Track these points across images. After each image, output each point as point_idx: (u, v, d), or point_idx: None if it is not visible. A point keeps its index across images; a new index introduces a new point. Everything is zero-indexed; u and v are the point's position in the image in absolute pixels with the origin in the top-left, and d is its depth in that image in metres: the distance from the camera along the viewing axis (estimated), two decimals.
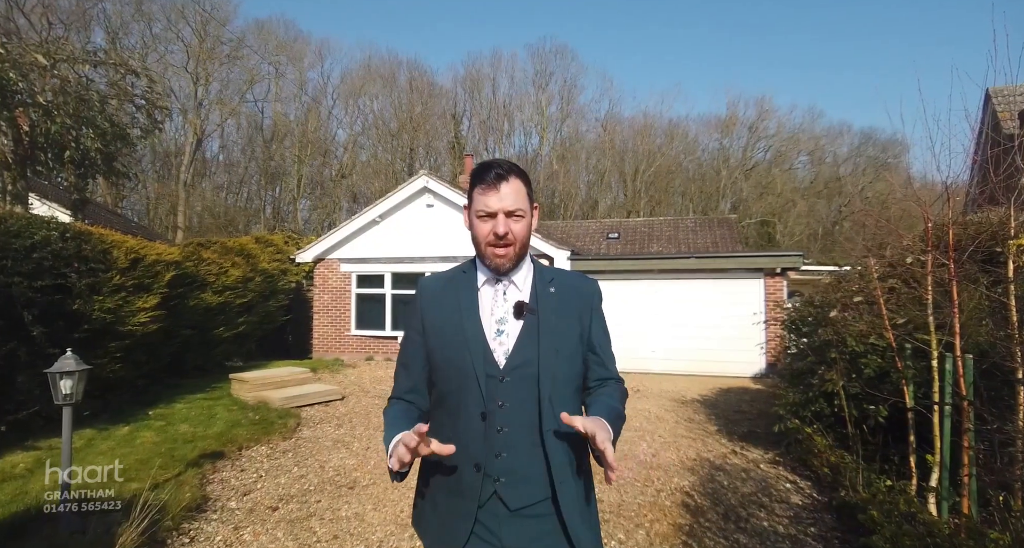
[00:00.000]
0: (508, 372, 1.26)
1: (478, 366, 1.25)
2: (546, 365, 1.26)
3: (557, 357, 1.28)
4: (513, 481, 1.23)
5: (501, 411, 1.25)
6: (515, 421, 1.24)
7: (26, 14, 15.80)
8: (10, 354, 4.84)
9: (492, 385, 1.26)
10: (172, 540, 3.21)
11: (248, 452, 5.05)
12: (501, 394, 1.25)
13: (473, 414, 1.26)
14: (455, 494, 1.27)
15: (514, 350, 1.28)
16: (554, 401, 1.26)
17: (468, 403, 1.26)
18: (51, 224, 5.50)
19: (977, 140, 8.37)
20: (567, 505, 1.23)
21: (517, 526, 1.23)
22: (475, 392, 1.25)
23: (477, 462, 1.24)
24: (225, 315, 9.24)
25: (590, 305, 1.38)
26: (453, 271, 1.43)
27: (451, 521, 1.26)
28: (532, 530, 1.23)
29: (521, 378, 1.26)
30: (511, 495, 1.23)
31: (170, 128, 29.07)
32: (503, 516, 1.23)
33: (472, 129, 37.12)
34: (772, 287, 10.14)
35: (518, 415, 1.25)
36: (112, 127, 8.48)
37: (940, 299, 3.36)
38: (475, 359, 1.26)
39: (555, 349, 1.28)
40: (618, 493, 4.10)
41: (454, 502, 1.27)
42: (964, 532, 2.78)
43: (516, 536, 1.22)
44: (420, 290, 1.43)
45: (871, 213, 6.00)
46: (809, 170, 35.53)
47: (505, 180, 1.26)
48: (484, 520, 1.24)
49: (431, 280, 1.44)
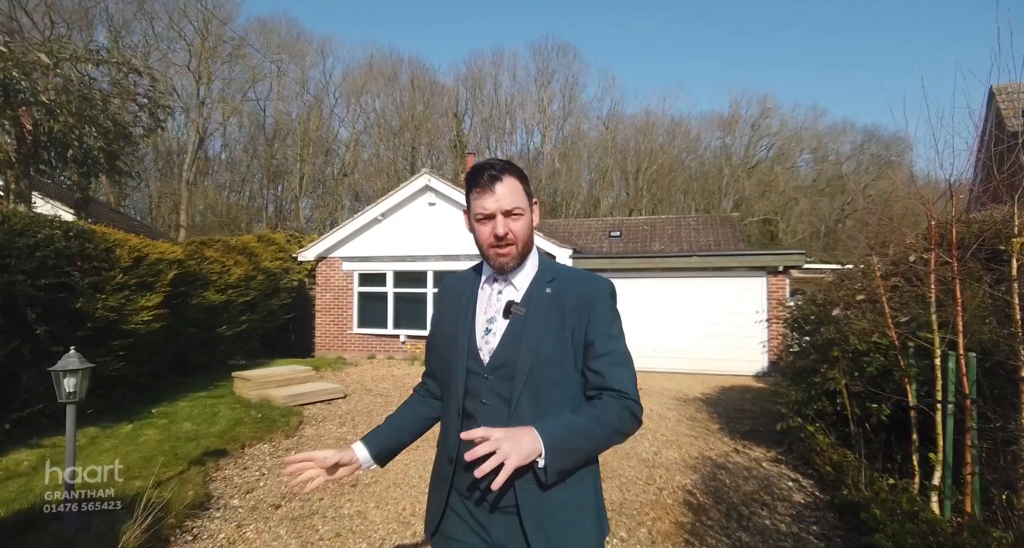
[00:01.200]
0: (491, 371, 1.27)
1: (461, 363, 1.30)
2: (523, 366, 1.23)
3: (537, 359, 1.24)
4: (484, 482, 1.17)
5: (484, 409, 1.26)
6: (494, 419, 1.24)
7: (29, 13, 15.83)
8: (14, 352, 4.85)
9: (477, 382, 1.28)
10: (175, 537, 3.23)
11: (251, 450, 5.06)
12: (484, 392, 1.27)
13: (453, 409, 1.32)
14: (437, 480, 1.37)
15: (497, 349, 1.28)
16: (536, 402, 1.23)
17: (452, 398, 1.32)
18: (54, 223, 5.52)
19: (981, 137, 8.32)
20: (527, 512, 1.19)
21: (501, 522, 1.23)
22: (458, 388, 1.30)
23: (450, 456, 1.30)
24: (228, 313, 9.25)
25: (591, 304, 1.28)
26: (468, 270, 1.47)
27: (432, 507, 1.37)
28: (515, 529, 1.21)
29: (502, 377, 1.26)
30: (487, 496, 1.23)
31: (172, 127, 29.21)
32: (487, 511, 1.25)
33: (474, 127, 37.17)
34: (774, 285, 10.13)
35: (497, 414, 1.25)
36: (115, 126, 8.51)
37: (943, 297, 3.35)
38: (460, 356, 1.30)
39: (535, 350, 1.24)
40: (620, 491, 4.11)
41: (436, 488, 1.37)
42: (967, 531, 2.78)
43: (502, 533, 1.23)
44: (439, 288, 1.51)
45: (874, 211, 5.98)
46: (812, 168, 35.49)
47: (499, 180, 1.24)
48: (472, 510, 1.27)
49: (450, 279, 1.51)
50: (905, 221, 4.66)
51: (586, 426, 1.16)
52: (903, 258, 3.80)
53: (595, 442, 1.19)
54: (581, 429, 1.16)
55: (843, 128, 35.78)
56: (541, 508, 1.19)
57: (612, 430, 1.19)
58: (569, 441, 1.14)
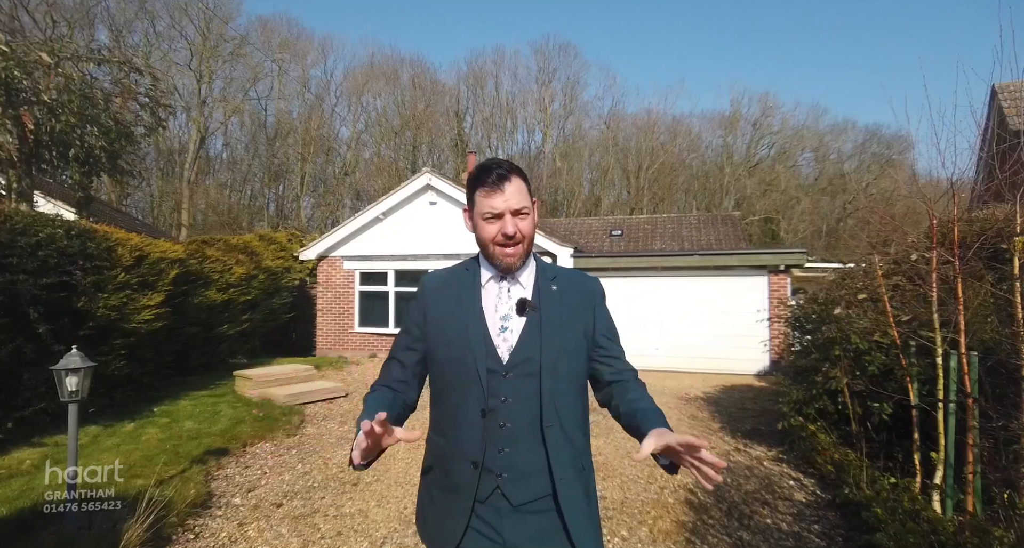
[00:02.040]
0: (511, 368, 1.27)
1: (480, 363, 1.27)
2: (548, 361, 1.27)
3: (559, 353, 1.29)
4: (516, 477, 1.24)
5: (504, 406, 1.26)
6: (518, 417, 1.25)
7: (30, 12, 15.85)
8: (16, 351, 4.87)
9: (495, 381, 1.26)
10: (177, 536, 3.23)
11: (252, 449, 5.07)
12: (504, 390, 1.26)
13: (472, 411, 1.27)
14: (451, 491, 1.28)
15: (517, 346, 1.29)
16: (556, 397, 1.27)
17: (468, 400, 1.27)
18: (56, 222, 5.53)
19: (983, 136, 8.30)
20: (567, 502, 1.24)
21: (519, 522, 1.23)
22: (476, 389, 1.26)
23: (474, 460, 1.25)
24: (229, 312, 9.26)
25: (592, 301, 1.40)
26: (456, 268, 1.43)
27: (446, 518, 1.27)
28: (533, 527, 1.23)
29: (524, 374, 1.27)
30: (514, 491, 1.23)
31: (174, 126, 29.24)
32: (505, 512, 1.24)
33: (475, 126, 37.14)
34: (776, 284, 10.12)
35: (521, 411, 1.26)
36: (116, 125, 8.52)
37: (945, 296, 3.35)
38: (477, 356, 1.27)
39: (557, 345, 1.29)
40: (621, 490, 4.11)
41: (450, 499, 1.28)
42: (968, 530, 2.78)
43: (517, 533, 1.23)
44: (423, 287, 1.42)
45: (875, 210, 5.97)
46: (813, 167, 35.39)
47: (508, 180, 1.27)
48: (485, 516, 1.24)
49: (434, 277, 1.44)
50: (907, 220, 4.65)
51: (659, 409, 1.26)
52: (905, 257, 3.80)
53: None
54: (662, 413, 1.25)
55: (845, 127, 35.71)
56: (573, 497, 1.26)
57: None
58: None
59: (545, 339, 1.29)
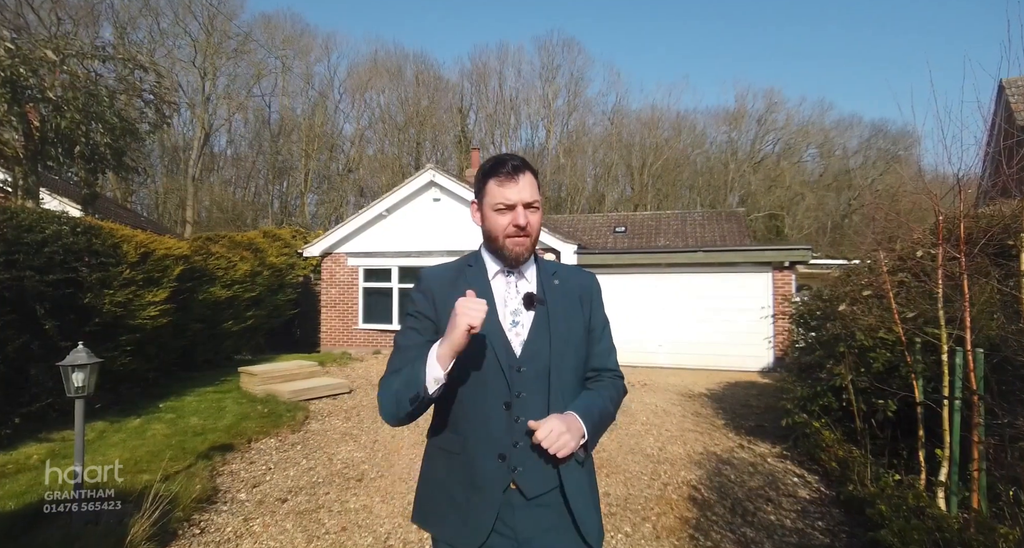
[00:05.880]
0: (524, 362, 1.29)
1: (501, 356, 1.28)
2: (556, 354, 1.31)
3: (566, 346, 1.33)
4: (529, 469, 1.26)
5: (519, 401, 1.28)
6: (530, 410, 1.26)
7: (35, 10, 15.89)
8: (23, 347, 4.90)
9: (512, 375, 1.28)
10: (183, 531, 3.26)
11: (257, 445, 5.10)
12: (518, 384, 1.28)
13: (496, 404, 1.28)
14: (474, 487, 1.26)
15: (528, 340, 1.31)
16: (563, 389, 1.31)
17: (490, 394, 1.28)
18: (62, 219, 5.55)
19: (990, 132, 8.25)
20: (573, 492, 1.27)
21: (531, 515, 1.25)
22: (500, 382, 1.27)
23: (501, 452, 1.26)
24: (234, 309, 9.31)
25: (590, 296, 1.44)
26: (458, 264, 1.42)
27: (473, 515, 1.25)
28: (544, 520, 1.26)
29: (535, 368, 1.29)
30: (528, 484, 1.25)
31: (178, 123, 29.32)
32: (518, 506, 1.25)
33: (479, 123, 37.09)
34: (780, 281, 10.08)
35: (533, 404, 1.28)
36: (121, 122, 8.52)
37: (951, 293, 3.33)
38: (497, 350, 1.28)
39: (564, 338, 1.33)
40: (625, 487, 4.11)
41: (475, 495, 1.26)
42: (973, 527, 2.77)
43: (530, 526, 1.24)
44: (429, 280, 1.38)
45: (881, 206, 5.93)
46: (818, 163, 35.23)
47: (522, 172, 1.30)
48: (501, 512, 1.25)
49: (439, 270, 1.42)
50: (912, 216, 4.62)
51: (609, 408, 1.36)
52: (910, 253, 3.77)
53: (610, 419, 1.37)
54: (607, 411, 1.34)
55: (850, 123, 35.51)
56: (580, 487, 1.30)
57: (617, 407, 1.41)
58: (600, 422, 1.31)
59: (553, 333, 1.32)
